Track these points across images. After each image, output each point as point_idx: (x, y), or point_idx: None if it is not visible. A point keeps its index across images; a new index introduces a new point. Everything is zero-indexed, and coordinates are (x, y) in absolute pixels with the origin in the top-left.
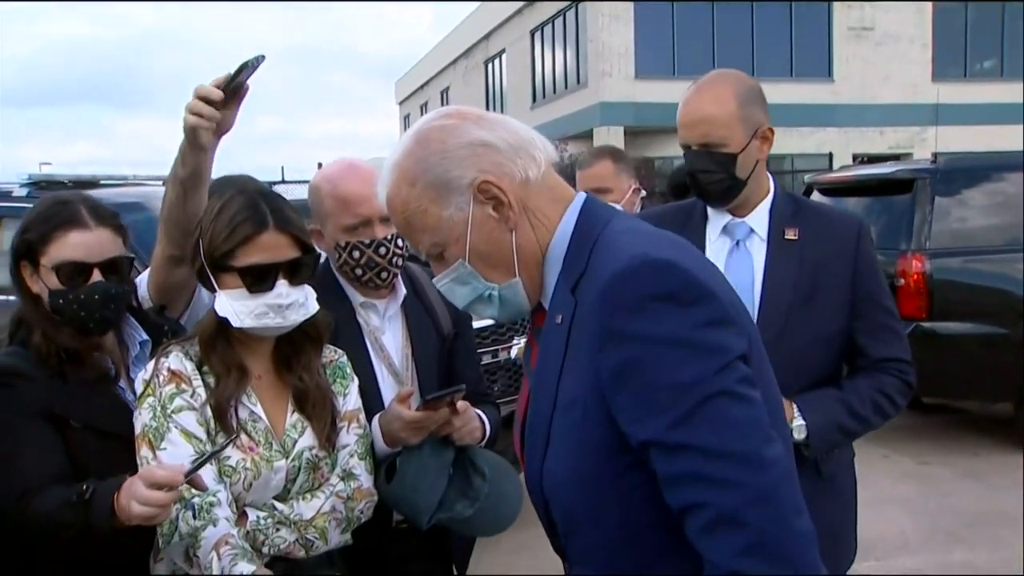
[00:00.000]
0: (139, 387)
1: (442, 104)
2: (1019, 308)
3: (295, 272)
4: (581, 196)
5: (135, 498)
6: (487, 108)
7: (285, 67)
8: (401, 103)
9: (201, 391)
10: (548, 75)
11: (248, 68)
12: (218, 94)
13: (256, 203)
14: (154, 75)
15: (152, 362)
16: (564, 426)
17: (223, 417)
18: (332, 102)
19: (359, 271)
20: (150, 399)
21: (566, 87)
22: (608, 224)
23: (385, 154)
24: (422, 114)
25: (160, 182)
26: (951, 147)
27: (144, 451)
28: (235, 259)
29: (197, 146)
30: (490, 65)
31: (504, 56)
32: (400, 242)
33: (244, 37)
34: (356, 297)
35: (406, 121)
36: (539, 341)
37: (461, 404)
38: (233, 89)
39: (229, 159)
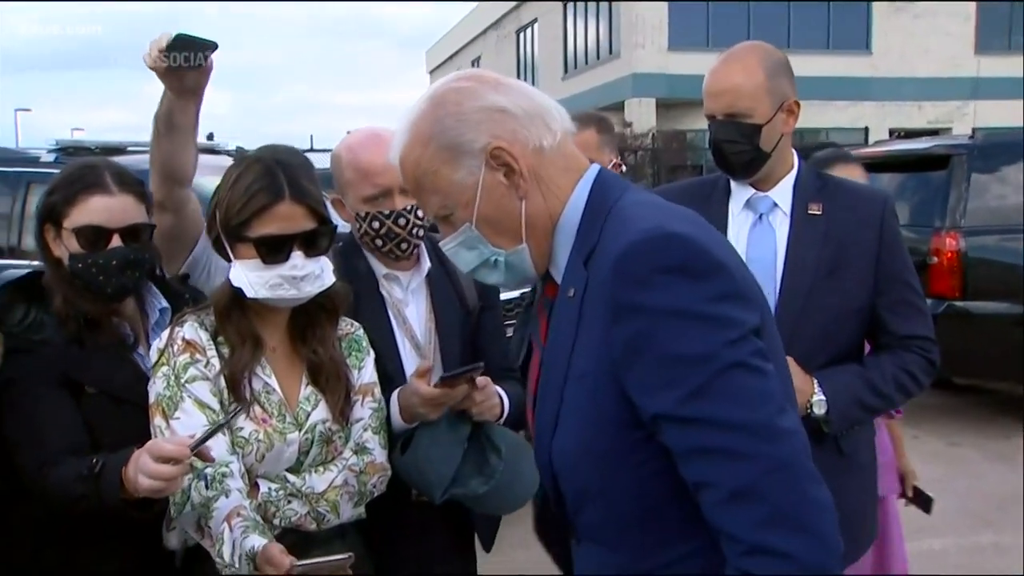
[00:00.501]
0: (153, 356)
1: None
2: None
3: (311, 243)
4: (594, 168)
5: (142, 471)
6: (517, 78)
7: (313, 38)
8: (432, 72)
9: (215, 361)
10: (580, 45)
11: (197, 43)
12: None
13: (273, 172)
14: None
15: (167, 331)
16: (576, 400)
17: (237, 388)
18: (361, 72)
19: (379, 242)
20: (164, 368)
21: (598, 58)
22: (621, 196)
23: None
24: None
25: None
26: (992, 122)
27: (158, 420)
28: (250, 229)
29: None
30: (522, 35)
31: (536, 26)
32: (420, 212)
33: (274, 6)
34: (380, 269)
35: None
36: (551, 314)
37: (481, 380)
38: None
39: (257, 128)
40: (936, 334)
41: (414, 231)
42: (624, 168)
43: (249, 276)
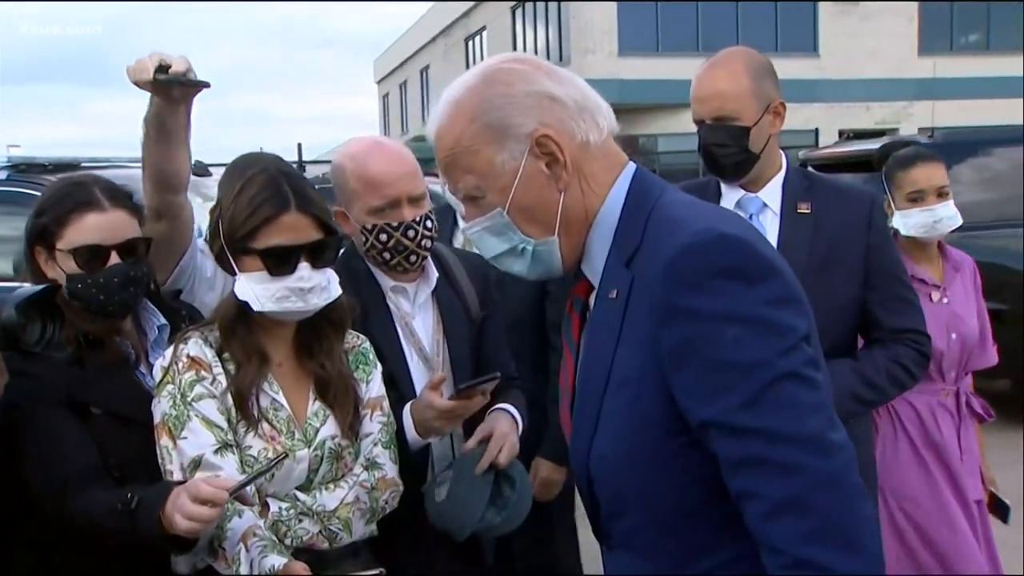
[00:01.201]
0: (157, 374)
1: (422, 83)
2: (1018, 284)
3: (317, 255)
4: (632, 166)
5: (180, 512)
6: None
7: (260, 46)
8: (380, 82)
9: (222, 378)
10: (530, 52)
11: (189, 81)
12: (178, 66)
13: (278, 183)
14: (129, 52)
15: (171, 349)
16: (617, 404)
17: (244, 405)
18: (308, 81)
19: (387, 255)
20: (169, 387)
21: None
22: (661, 195)
23: (366, 133)
24: (402, 93)
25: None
26: (938, 122)
27: (164, 440)
28: (256, 241)
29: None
30: (471, 43)
31: (485, 33)
32: (429, 224)
33: (217, 14)
34: (386, 282)
35: (385, 100)
36: (590, 315)
37: (501, 430)
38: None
39: (205, 140)
40: None
41: (423, 243)
42: None
43: (255, 289)
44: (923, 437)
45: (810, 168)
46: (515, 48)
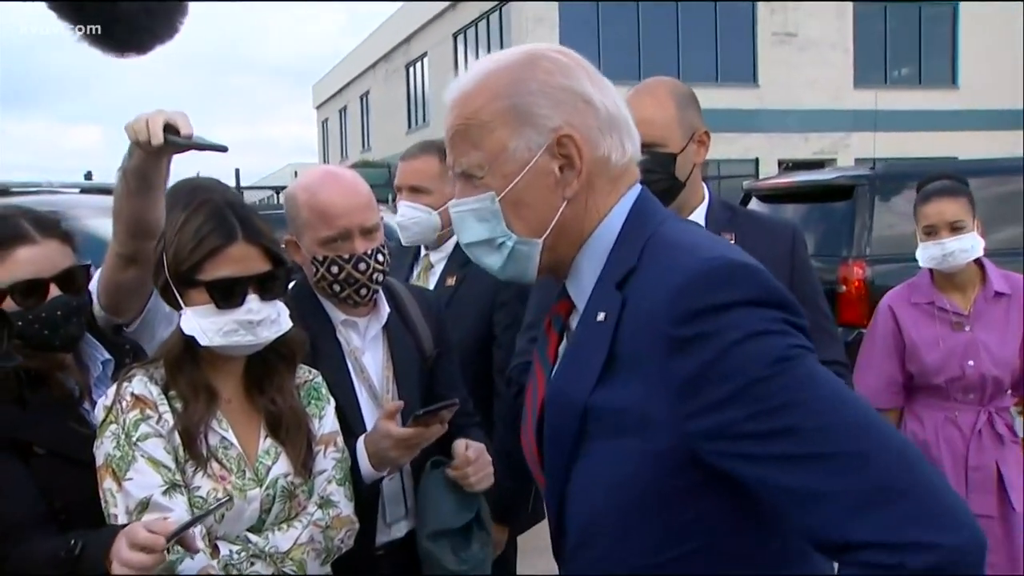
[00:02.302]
0: (99, 414)
1: (362, 109)
2: None
3: (266, 286)
4: (636, 189)
5: (116, 558)
6: (408, 113)
7: (194, 70)
8: (319, 107)
9: (168, 417)
10: None
11: (203, 144)
12: (185, 127)
13: (223, 213)
14: (47, 75)
15: (113, 387)
16: (604, 433)
17: (192, 444)
18: (245, 106)
19: (337, 287)
20: (112, 427)
21: None
22: (664, 223)
23: (303, 160)
24: (341, 119)
25: (77, 189)
26: (872, 153)
27: (108, 483)
28: (202, 273)
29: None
30: (411, 69)
31: (426, 60)
32: (381, 257)
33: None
34: (337, 315)
35: (324, 126)
36: (571, 335)
37: (475, 449)
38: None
39: None
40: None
41: (375, 276)
42: None
43: (202, 323)
44: (923, 451)
45: (755, 199)
46: (457, 74)
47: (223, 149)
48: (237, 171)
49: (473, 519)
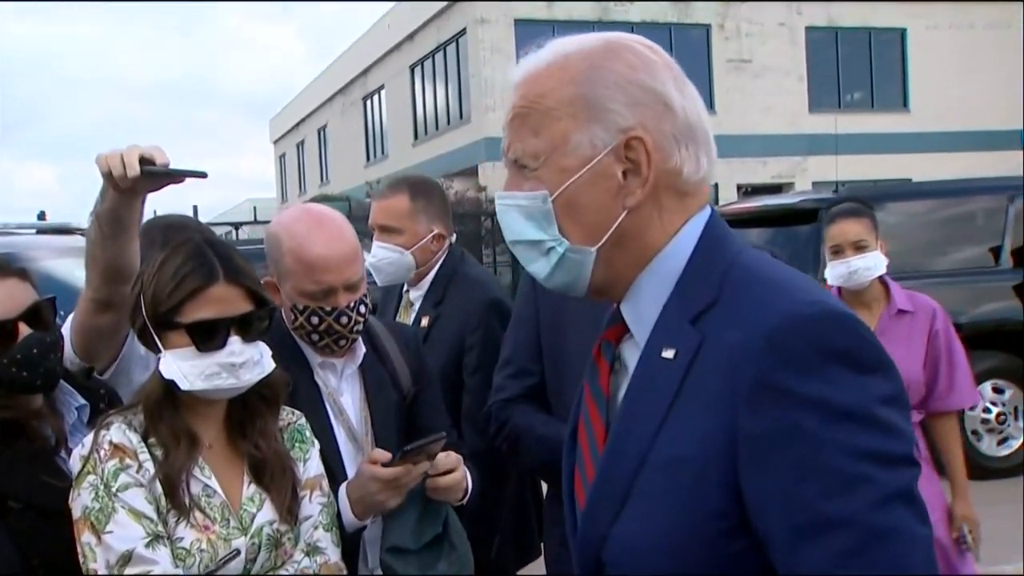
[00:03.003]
0: (76, 464)
1: (320, 142)
2: None
3: (248, 327)
4: (707, 211)
5: None
6: (366, 146)
7: (151, 102)
8: (276, 141)
9: (149, 465)
10: (430, 111)
11: (182, 172)
12: (161, 159)
13: (203, 253)
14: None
15: (90, 436)
16: (661, 485)
17: (174, 493)
18: (202, 139)
19: (315, 336)
20: (90, 477)
21: (448, 123)
22: (741, 251)
23: (261, 195)
24: (299, 153)
25: (34, 230)
26: (829, 176)
27: (86, 536)
28: (182, 315)
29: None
30: (369, 101)
31: (383, 92)
32: (363, 308)
33: (104, 69)
34: (314, 357)
35: (281, 160)
36: (635, 373)
37: (452, 459)
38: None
39: (89, 200)
40: None
41: (355, 328)
42: (454, 238)
43: (182, 366)
44: None
45: None
46: (414, 107)
47: (203, 175)
48: (195, 207)
49: (444, 538)
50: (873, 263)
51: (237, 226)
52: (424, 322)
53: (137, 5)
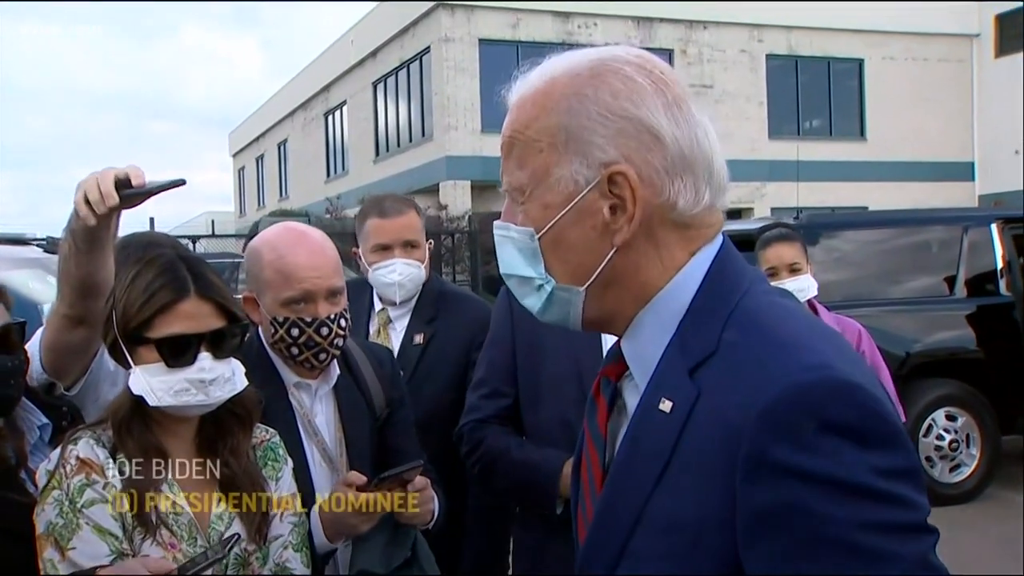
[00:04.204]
0: (42, 479)
1: (280, 157)
2: None
3: (219, 344)
4: (717, 243)
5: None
6: (327, 162)
7: (106, 115)
8: (235, 155)
9: (116, 481)
10: (392, 128)
11: (160, 186)
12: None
13: (175, 268)
14: None
15: (57, 450)
16: (656, 549)
17: (141, 510)
18: (159, 152)
19: (295, 350)
20: (55, 492)
21: (411, 140)
22: (749, 289)
23: (219, 208)
24: (258, 167)
25: None
26: (788, 203)
27: (49, 552)
28: (152, 330)
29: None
30: (330, 117)
31: (345, 108)
32: (343, 322)
33: (57, 78)
34: (290, 377)
35: (240, 174)
36: (631, 424)
37: (420, 480)
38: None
39: (46, 211)
40: None
41: (335, 342)
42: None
43: (151, 382)
44: None
45: None
46: (376, 124)
47: (181, 183)
48: (152, 220)
49: (413, 562)
50: (806, 285)
51: (195, 239)
52: (418, 339)
53: (95, 11)
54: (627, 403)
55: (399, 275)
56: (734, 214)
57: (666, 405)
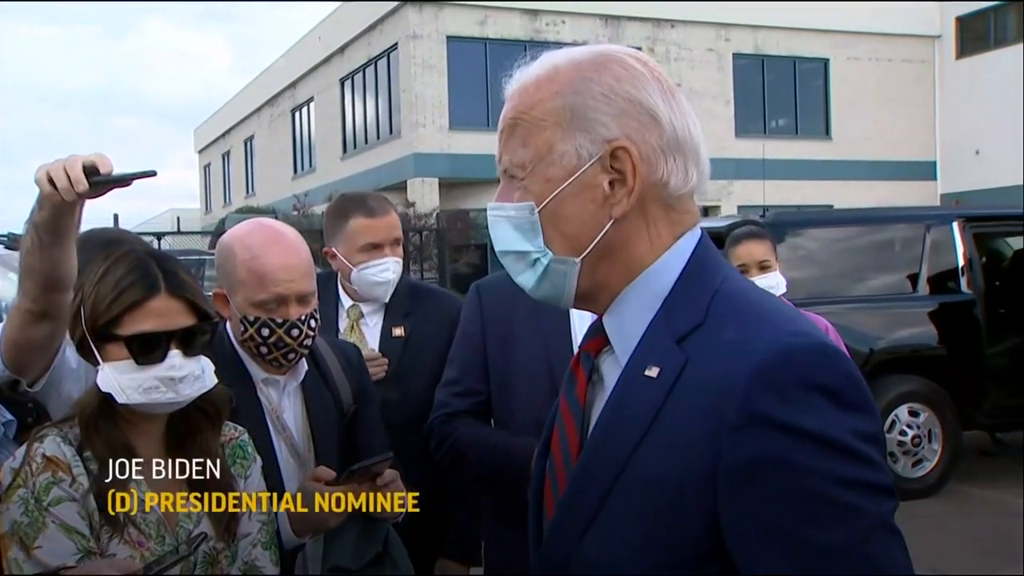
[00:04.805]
0: (6, 477)
1: (246, 153)
2: None
3: (189, 341)
4: (699, 231)
5: None
6: (294, 158)
7: (69, 111)
8: (201, 151)
9: (83, 479)
10: (360, 125)
11: (130, 176)
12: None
13: (145, 265)
14: None
15: (23, 448)
16: (634, 505)
17: (108, 508)
18: (123, 149)
19: (264, 349)
20: (21, 491)
21: (378, 137)
22: (729, 275)
23: (184, 205)
24: (224, 163)
25: None
26: (755, 201)
27: (14, 552)
28: (121, 327)
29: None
30: (297, 114)
31: (312, 105)
32: (313, 323)
33: (18, 75)
34: (258, 373)
35: (206, 171)
36: (615, 389)
37: (389, 473)
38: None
39: (4, 208)
40: None
41: (304, 342)
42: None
43: (120, 379)
44: None
45: None
46: (343, 121)
47: (152, 174)
48: (116, 216)
49: (385, 556)
50: (776, 282)
51: (159, 236)
52: (398, 332)
53: (58, 6)
54: (604, 377)
55: (393, 273)
56: (702, 212)
57: (652, 371)
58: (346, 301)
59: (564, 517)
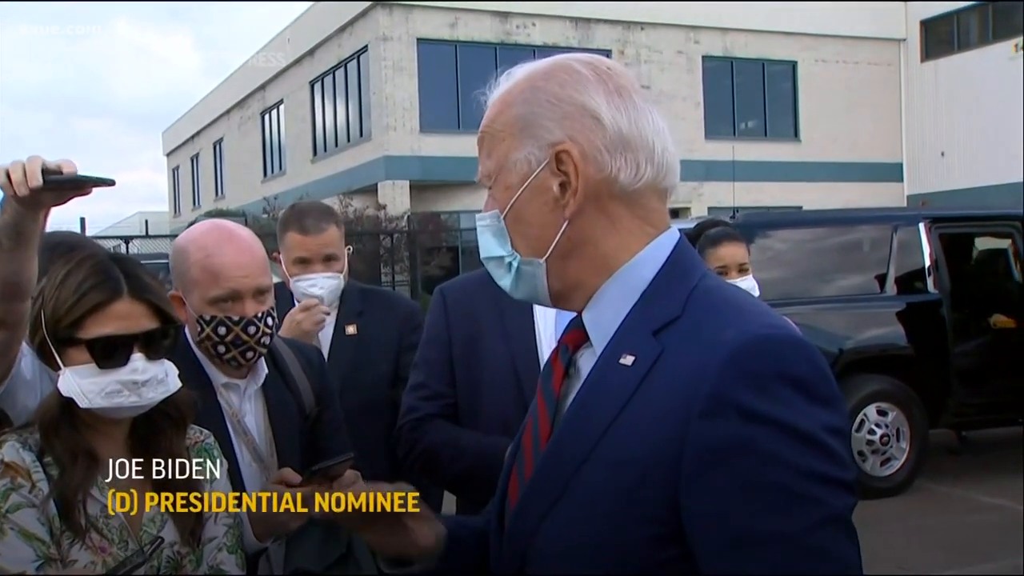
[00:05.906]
0: None
1: (215, 156)
2: None
3: (153, 345)
4: (677, 232)
5: None
6: (264, 161)
7: (32, 112)
8: (169, 154)
9: (43, 484)
10: (330, 128)
11: (88, 180)
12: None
13: (107, 267)
14: None
15: None
16: (601, 483)
17: (70, 513)
18: (89, 151)
19: (222, 348)
20: None
21: (348, 140)
22: (706, 274)
23: (153, 208)
24: (193, 166)
25: None
26: (725, 202)
27: None
28: (83, 330)
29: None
30: (267, 116)
31: (282, 107)
32: (270, 320)
33: None
34: (218, 377)
35: (175, 173)
36: (590, 375)
37: (350, 475)
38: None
39: None
40: None
41: (262, 340)
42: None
43: (82, 384)
44: None
45: None
46: (313, 124)
47: (110, 183)
48: (82, 220)
49: (349, 557)
50: (752, 284)
51: (127, 240)
52: (351, 329)
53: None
54: (580, 370)
55: (320, 289)
56: (672, 214)
57: (627, 359)
58: (301, 299)
59: (529, 499)
